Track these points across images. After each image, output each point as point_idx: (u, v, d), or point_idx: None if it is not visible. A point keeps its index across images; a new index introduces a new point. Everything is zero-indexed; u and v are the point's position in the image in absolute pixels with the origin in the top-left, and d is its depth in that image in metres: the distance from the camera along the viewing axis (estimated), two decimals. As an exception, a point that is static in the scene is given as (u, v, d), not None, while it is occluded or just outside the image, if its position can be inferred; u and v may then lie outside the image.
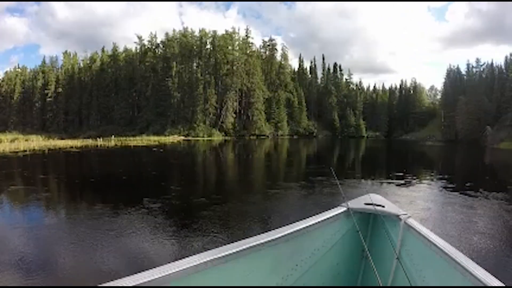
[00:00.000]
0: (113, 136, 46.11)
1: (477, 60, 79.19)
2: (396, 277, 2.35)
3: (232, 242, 1.79)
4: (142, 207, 7.72)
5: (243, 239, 1.85)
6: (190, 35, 72.07)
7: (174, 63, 67.22)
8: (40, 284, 3.88)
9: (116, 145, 35.09)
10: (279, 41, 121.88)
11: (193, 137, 58.52)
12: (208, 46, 70.95)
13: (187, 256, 1.59)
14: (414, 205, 8.97)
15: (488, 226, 7.31)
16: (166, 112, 64.34)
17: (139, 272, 1.41)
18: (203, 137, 59.28)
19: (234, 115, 67.12)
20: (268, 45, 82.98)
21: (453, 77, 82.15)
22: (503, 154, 34.51)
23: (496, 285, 1.54)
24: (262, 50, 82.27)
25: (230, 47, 70.03)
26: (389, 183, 12.83)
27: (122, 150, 29.11)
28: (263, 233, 1.96)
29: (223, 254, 1.68)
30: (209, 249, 1.69)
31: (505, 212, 8.44)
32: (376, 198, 2.83)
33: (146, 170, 16.34)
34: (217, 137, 60.58)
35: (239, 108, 68.65)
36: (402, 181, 13.03)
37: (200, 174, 15.52)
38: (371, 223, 2.79)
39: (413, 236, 2.30)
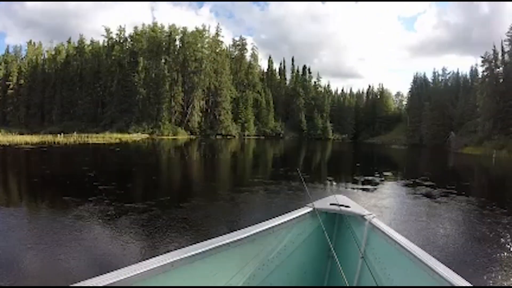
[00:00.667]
0: (75, 132, 45.51)
1: (444, 69, 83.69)
2: (362, 276, 2.41)
3: (199, 242, 1.81)
4: (54, 210, 7.41)
5: (210, 238, 1.87)
6: (159, 31, 71.52)
7: (141, 58, 66.52)
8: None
9: (75, 142, 34.76)
10: (250, 42, 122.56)
11: (158, 135, 58.14)
12: (177, 43, 70.54)
13: (153, 256, 1.60)
14: (379, 205, 9.45)
15: (446, 223, 8.09)
16: (131, 108, 63.35)
17: (104, 273, 1.42)
18: (168, 135, 58.92)
19: (200, 114, 67.04)
20: (238, 45, 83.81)
21: (420, 84, 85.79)
22: (466, 159, 37.15)
23: (456, 280, 1.61)
24: (231, 49, 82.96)
25: (199, 45, 69.78)
26: (355, 184, 13.38)
27: (79, 148, 28.54)
28: (229, 232, 1.98)
29: (190, 254, 1.69)
30: (176, 249, 1.70)
31: (462, 210, 9.43)
32: (341, 198, 2.92)
33: (93, 170, 14.77)
34: (183, 136, 60.36)
35: (206, 107, 68.69)
36: (368, 183, 13.70)
37: (152, 175, 14.45)
38: (337, 223, 2.86)
39: (377, 235, 2.37)
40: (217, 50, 73.23)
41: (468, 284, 1.58)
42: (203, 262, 1.77)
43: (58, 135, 40.15)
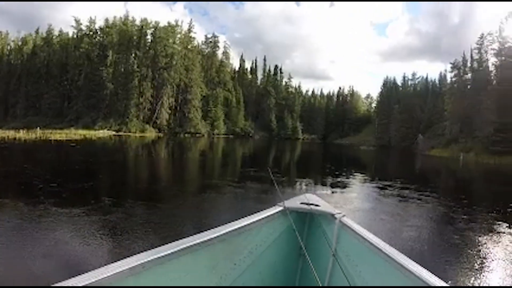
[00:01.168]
0: (38, 128, 44.65)
1: (413, 74, 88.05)
2: (333, 274, 2.45)
3: (169, 243, 1.77)
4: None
5: (180, 239, 1.84)
6: (131, 24, 70.37)
7: (111, 52, 65.70)
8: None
9: (36, 138, 33.82)
10: (222, 40, 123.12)
11: (125, 132, 57.07)
12: (149, 37, 69.68)
13: (121, 259, 1.54)
14: (348, 204, 9.82)
15: (410, 219, 8.55)
16: (98, 104, 61.88)
17: (69, 278, 1.36)
18: (135, 133, 58.04)
19: (169, 111, 66.45)
20: (210, 42, 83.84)
21: (389, 87, 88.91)
22: (434, 160, 38.99)
23: (425, 275, 1.66)
24: (203, 46, 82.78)
25: (171, 40, 69.10)
26: (324, 184, 13.76)
27: (38, 145, 27.18)
28: (199, 232, 1.96)
29: (159, 255, 1.65)
30: (144, 251, 1.66)
31: (431, 209, 10.03)
32: (312, 197, 2.96)
33: (37, 168, 13.39)
34: (150, 134, 59.76)
35: (175, 105, 68.15)
36: (337, 182, 14.13)
37: (108, 175, 13.41)
38: (307, 222, 2.87)
39: (347, 234, 2.42)
40: (189, 47, 72.89)
41: (437, 280, 1.63)
42: (173, 263, 1.74)
43: (21, 130, 39.66)
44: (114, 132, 55.04)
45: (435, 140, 57.62)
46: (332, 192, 11.62)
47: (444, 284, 1.60)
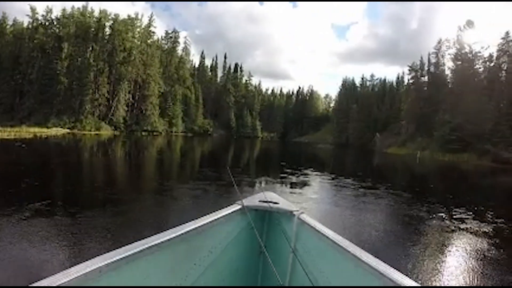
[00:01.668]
0: None
1: (372, 75, 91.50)
2: (294, 271, 2.47)
3: (125, 245, 1.71)
4: None
5: (137, 240, 1.79)
6: (89, 15, 67.27)
7: (66, 44, 62.50)
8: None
9: None
10: (183, 36, 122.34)
11: (79, 130, 55.00)
12: (107, 30, 67.11)
13: (77, 264, 1.47)
14: (308, 201, 10.12)
15: (370, 213, 9.14)
16: (52, 100, 58.71)
17: (23, 286, 1.28)
18: (90, 130, 56.07)
19: (126, 108, 64.83)
20: (171, 37, 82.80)
21: (348, 88, 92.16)
22: (393, 158, 42.11)
23: (383, 268, 1.71)
24: (163, 42, 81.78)
25: (130, 34, 67.35)
26: (283, 181, 13.95)
27: None
28: (158, 233, 1.92)
29: (116, 258, 1.59)
30: (100, 254, 1.59)
31: (390, 201, 11.00)
32: (270, 195, 2.98)
33: None
34: (106, 132, 58.13)
35: (132, 101, 66.62)
36: (296, 180, 14.48)
37: (49, 178, 12.11)
38: (267, 220, 2.89)
39: (306, 230, 2.45)
40: (148, 41, 71.67)
41: (396, 272, 1.67)
42: (132, 265, 1.69)
43: (-33, 128, 37.94)
44: (68, 130, 52.83)
45: (392, 139, 61.04)
46: (291, 190, 11.93)
47: (403, 277, 1.64)
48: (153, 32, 74.75)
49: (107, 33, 67.33)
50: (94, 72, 61.75)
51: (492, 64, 50.81)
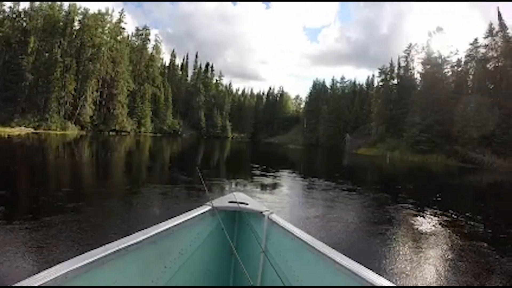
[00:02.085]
0: None
1: (342, 77, 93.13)
2: (265, 271, 2.50)
3: (94, 249, 1.70)
4: None
5: (107, 243, 1.77)
6: (58, 8, 64.42)
7: (33, 38, 60.10)
8: None
9: None
10: (154, 33, 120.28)
11: (44, 129, 52.80)
12: (76, 25, 64.82)
13: (44, 270, 1.45)
14: (277, 201, 10.38)
15: (331, 207, 9.73)
16: (16, 97, 56.12)
17: None
18: (56, 130, 53.94)
19: (93, 107, 62.81)
20: (141, 34, 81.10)
21: (319, 89, 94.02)
22: (363, 158, 43.53)
23: (352, 266, 1.76)
24: (133, 39, 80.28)
25: (99, 29, 65.34)
26: (253, 182, 14.11)
27: None
28: (126, 236, 1.91)
29: (84, 262, 1.58)
30: (69, 259, 1.57)
31: (361, 200, 11.53)
32: (240, 196, 3.01)
33: None
34: (73, 131, 56.19)
35: (100, 100, 64.81)
36: (267, 180, 14.65)
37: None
38: (237, 220, 2.92)
39: (276, 230, 2.49)
40: (118, 38, 69.91)
41: (367, 271, 1.71)
42: (100, 270, 1.66)
43: None
44: (32, 130, 50.78)
45: (362, 140, 62.60)
46: (262, 191, 12.07)
47: (375, 276, 1.67)
48: (123, 29, 72.93)
49: (76, 28, 65.18)
50: (61, 69, 59.58)
51: (460, 69, 53.39)
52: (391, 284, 1.63)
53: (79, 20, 65.20)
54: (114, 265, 1.75)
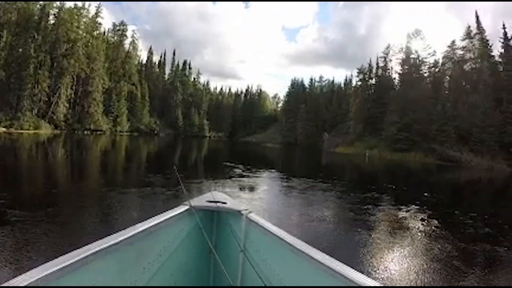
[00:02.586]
0: None
1: (320, 77, 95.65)
2: (245, 270, 2.51)
3: (70, 251, 1.65)
4: None
5: (83, 246, 1.74)
6: (33, 2, 61.97)
7: (6, 32, 57.34)
8: None
9: None
10: (131, 29, 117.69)
11: (16, 129, 50.73)
12: (51, 18, 62.64)
13: (23, 272, 1.42)
14: (257, 199, 10.53)
15: (309, 205, 10.03)
16: None
17: None
18: (28, 129, 51.93)
19: (67, 105, 61.16)
20: (118, 30, 79.87)
21: (297, 88, 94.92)
22: (342, 157, 44.34)
23: (330, 263, 1.78)
24: (110, 35, 78.83)
25: (75, 24, 63.31)
26: (232, 181, 14.19)
27: None
28: (103, 237, 1.88)
29: (62, 265, 1.53)
30: (43, 263, 1.52)
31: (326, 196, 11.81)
32: (218, 195, 3.01)
33: None
34: (46, 131, 54.34)
35: (74, 98, 62.99)
36: (245, 179, 14.79)
37: None
38: (215, 220, 2.91)
39: (255, 229, 2.50)
40: (94, 33, 68.33)
41: (347, 268, 1.72)
42: (78, 272, 1.63)
43: None
44: (4, 129, 48.82)
45: (340, 138, 63.97)
46: (240, 190, 12.13)
47: (356, 273, 1.68)
48: (100, 24, 71.52)
49: (51, 22, 63.08)
50: (35, 65, 57.56)
51: (437, 69, 56.03)
52: (370, 280, 1.65)
53: (55, 14, 63.23)
54: (94, 267, 1.74)
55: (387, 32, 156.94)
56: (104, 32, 75.49)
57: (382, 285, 1.63)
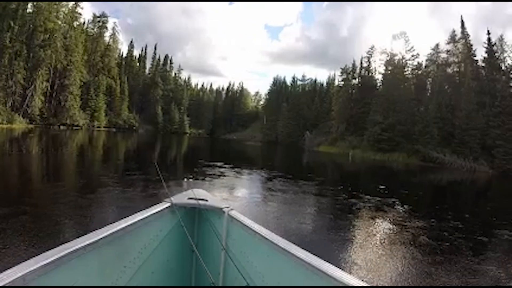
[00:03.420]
0: None
1: (303, 75, 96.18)
2: (226, 267, 2.54)
3: (48, 250, 1.63)
4: None
5: (61, 244, 1.71)
6: None
7: None
8: None
9: None
10: (112, 21, 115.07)
11: None
12: (29, 6, 59.90)
13: (1, 272, 1.41)
14: (239, 197, 10.79)
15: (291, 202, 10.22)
16: None
17: None
18: (1, 123, 49.96)
19: (43, 98, 58.95)
20: (99, 21, 77.31)
21: (279, 86, 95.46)
22: (326, 156, 45.13)
23: (312, 260, 1.80)
24: (90, 26, 76.37)
25: (53, 13, 61.00)
26: (212, 177, 14.41)
27: None
28: (82, 235, 1.85)
29: (43, 263, 1.53)
30: (26, 259, 1.52)
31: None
32: (199, 192, 3.02)
33: None
34: (20, 125, 52.66)
35: (50, 91, 61.18)
36: (224, 179, 14.74)
37: None
38: (196, 217, 2.92)
39: (236, 227, 2.53)
40: (74, 24, 66.23)
41: (324, 263, 1.77)
42: (60, 270, 1.62)
43: None
44: None
45: (322, 137, 64.88)
46: (220, 191, 11.98)
47: (338, 271, 1.72)
48: (80, 14, 68.87)
49: (29, 11, 60.35)
50: (10, 55, 55.51)
51: (420, 72, 57.44)
52: (350, 276, 1.67)
53: (33, 3, 60.71)
54: (73, 266, 1.73)
55: (369, 35, 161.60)
56: (84, 22, 73.56)
57: (366, 285, 1.64)
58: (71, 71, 63.53)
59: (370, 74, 65.65)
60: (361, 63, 66.70)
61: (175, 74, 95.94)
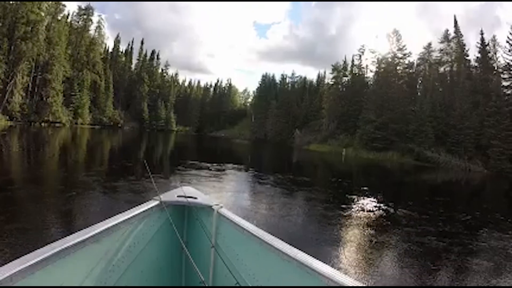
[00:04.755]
0: None
1: (292, 73, 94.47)
2: (216, 265, 2.55)
3: (33, 250, 1.60)
4: None
5: (47, 244, 1.68)
6: None
7: None
8: None
9: None
10: (99, 15, 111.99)
11: None
12: None
13: None
14: (228, 195, 10.73)
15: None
16: None
17: None
18: None
19: (23, 94, 56.79)
20: (84, 14, 74.38)
21: (268, 84, 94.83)
22: (317, 155, 44.41)
23: (301, 257, 1.82)
24: (74, 19, 73.57)
25: (36, 4, 58.22)
26: (201, 176, 14.30)
27: None
28: (69, 235, 1.82)
29: (31, 262, 1.51)
30: (13, 259, 1.50)
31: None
32: (188, 190, 3.01)
33: None
34: None
35: (32, 86, 58.73)
36: (212, 174, 14.90)
37: None
38: (186, 215, 2.93)
39: (226, 224, 2.53)
40: (58, 17, 64.01)
41: (314, 260, 1.78)
42: (47, 270, 1.60)
43: None
44: None
45: (312, 136, 63.83)
46: (211, 183, 12.30)
47: (320, 264, 1.74)
48: (64, 6, 66.47)
49: (10, 2, 57.71)
50: (-11, 49, 53.43)
51: (411, 70, 57.84)
52: (339, 273, 1.69)
53: (16, -5, 58.36)
54: (61, 265, 1.71)
55: (357, 34, 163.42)
56: (68, 15, 71.07)
57: (357, 284, 1.65)
58: (54, 65, 60.85)
59: (361, 71, 66.07)
60: (353, 60, 66.90)
61: (162, 70, 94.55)
